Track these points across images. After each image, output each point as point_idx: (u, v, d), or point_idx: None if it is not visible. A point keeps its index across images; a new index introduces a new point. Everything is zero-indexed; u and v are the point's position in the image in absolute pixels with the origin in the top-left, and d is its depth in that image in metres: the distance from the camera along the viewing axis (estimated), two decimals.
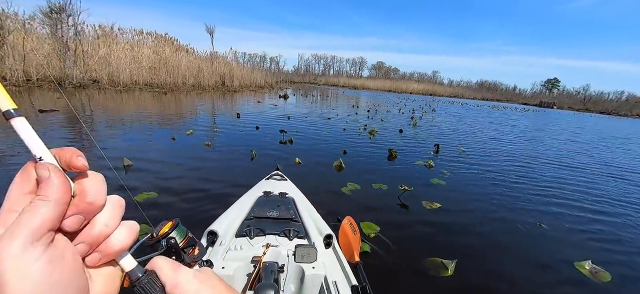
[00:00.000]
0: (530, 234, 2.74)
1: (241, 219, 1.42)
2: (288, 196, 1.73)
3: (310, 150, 5.09)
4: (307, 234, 1.35)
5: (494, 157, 5.92)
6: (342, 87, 56.24)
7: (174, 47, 20.60)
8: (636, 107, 64.66)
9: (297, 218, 1.46)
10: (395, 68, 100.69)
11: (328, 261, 1.21)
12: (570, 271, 2.23)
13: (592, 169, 5.68)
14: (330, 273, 1.13)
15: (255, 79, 25.18)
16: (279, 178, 2.13)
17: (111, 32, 18.19)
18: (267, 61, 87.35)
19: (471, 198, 3.50)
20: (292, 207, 1.57)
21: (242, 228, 1.33)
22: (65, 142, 4.31)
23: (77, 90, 12.63)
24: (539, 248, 2.53)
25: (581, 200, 3.75)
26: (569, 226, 2.97)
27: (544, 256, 2.38)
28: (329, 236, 1.37)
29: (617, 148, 9.07)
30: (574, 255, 2.42)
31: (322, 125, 7.94)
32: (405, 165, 4.66)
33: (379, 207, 3.00)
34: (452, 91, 72.89)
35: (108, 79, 15.10)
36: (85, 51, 15.01)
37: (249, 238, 1.26)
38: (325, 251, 1.29)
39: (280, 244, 1.23)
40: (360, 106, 16.02)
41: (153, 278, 0.28)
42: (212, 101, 12.47)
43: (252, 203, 1.60)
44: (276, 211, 1.49)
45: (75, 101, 8.56)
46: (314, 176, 3.78)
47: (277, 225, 1.37)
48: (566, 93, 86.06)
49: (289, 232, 1.30)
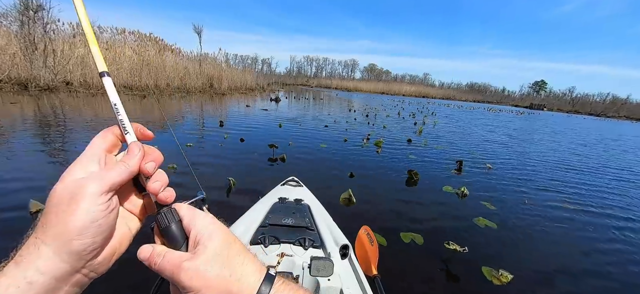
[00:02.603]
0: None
1: (256, 226, 1.37)
2: (303, 203, 1.66)
3: (307, 172, 3.99)
4: (323, 244, 1.27)
5: (531, 172, 4.95)
6: (334, 89, 55.40)
7: (158, 46, 19.19)
8: (622, 109, 66.20)
9: (313, 227, 1.40)
10: (387, 70, 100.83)
11: (344, 273, 1.14)
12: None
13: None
14: (347, 286, 1.06)
15: (246, 81, 23.95)
16: (295, 184, 2.06)
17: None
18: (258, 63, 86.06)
19: (548, 251, 2.48)
20: (308, 214, 1.50)
21: (257, 236, 1.29)
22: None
23: (44, 93, 11.26)
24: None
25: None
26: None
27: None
28: (345, 247, 1.27)
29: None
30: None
31: (319, 135, 6.85)
32: (431, 193, 3.62)
33: (417, 281, 1.94)
34: (444, 93, 73.15)
35: (81, 81, 13.72)
36: (55, 50, 13.63)
37: (264, 246, 1.22)
38: (341, 262, 1.20)
39: (295, 254, 1.18)
40: (356, 109, 14.99)
41: (174, 211, 0.35)
42: (195, 105, 11.21)
43: (267, 210, 1.53)
44: (291, 218, 1.43)
45: (32, 106, 7.19)
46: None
47: (292, 233, 1.31)
48: (553, 95, 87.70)
49: (304, 241, 1.25)
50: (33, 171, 3.16)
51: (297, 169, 3.99)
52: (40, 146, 4.05)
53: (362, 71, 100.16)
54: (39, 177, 2.99)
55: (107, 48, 15.40)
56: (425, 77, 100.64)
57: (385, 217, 2.81)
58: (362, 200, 3.12)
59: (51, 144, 4.23)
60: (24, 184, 2.81)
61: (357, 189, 3.29)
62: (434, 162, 5.20)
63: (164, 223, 0.34)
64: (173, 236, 0.34)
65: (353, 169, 4.19)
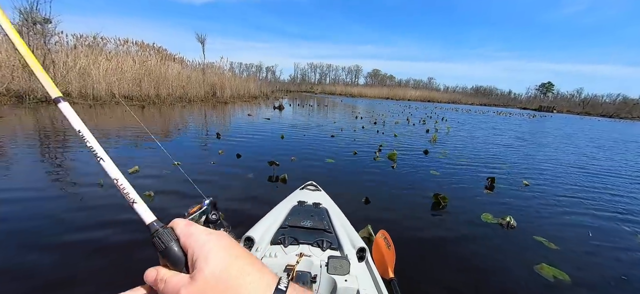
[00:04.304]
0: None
1: (276, 226, 1.40)
2: (322, 206, 1.67)
3: None
4: (340, 246, 1.27)
5: (577, 189, 4.21)
6: (339, 95, 54.90)
7: (161, 56, 18.95)
8: (635, 109, 64.07)
9: (330, 229, 1.40)
10: (391, 75, 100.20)
11: (361, 275, 1.12)
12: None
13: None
14: (363, 288, 1.03)
15: (250, 89, 23.58)
16: (313, 189, 2.08)
17: (94, 42, 16.69)
18: (263, 71, 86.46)
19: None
20: (326, 217, 1.52)
21: (277, 236, 1.31)
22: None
23: (41, 105, 10.93)
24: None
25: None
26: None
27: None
28: (362, 249, 1.27)
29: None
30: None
31: (325, 147, 6.21)
32: (467, 225, 2.91)
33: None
34: (449, 97, 72.02)
35: (79, 92, 13.44)
36: (55, 62, 13.44)
37: (283, 246, 1.23)
38: (358, 265, 1.20)
39: (313, 255, 1.18)
40: (363, 116, 14.33)
41: (169, 231, 0.33)
42: (196, 115, 10.70)
43: (286, 212, 1.56)
44: (310, 220, 1.44)
45: (29, 118, 6.72)
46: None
47: (310, 235, 1.32)
48: (561, 97, 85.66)
49: (322, 243, 1.25)
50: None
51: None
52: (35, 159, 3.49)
53: (366, 77, 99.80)
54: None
55: (108, 59, 15.15)
56: (430, 81, 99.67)
57: (420, 270, 2.13)
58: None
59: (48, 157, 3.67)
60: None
61: (374, 220, 2.63)
62: (459, 179, 4.50)
63: (160, 246, 0.33)
64: (172, 258, 0.33)
65: (367, 191, 3.52)
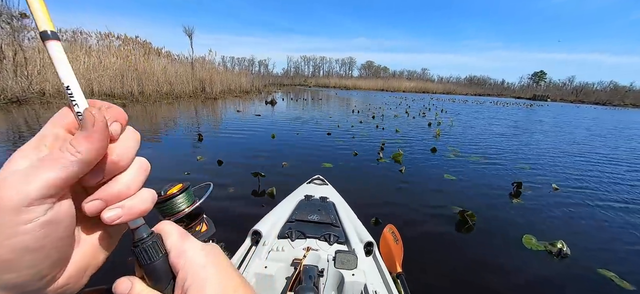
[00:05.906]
0: None
1: (283, 221, 1.38)
2: (328, 201, 1.65)
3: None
4: (348, 240, 1.27)
5: (614, 193, 3.64)
6: (333, 88, 53.97)
7: (145, 50, 17.85)
8: (626, 96, 64.67)
9: (338, 223, 1.38)
10: (384, 67, 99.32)
11: (368, 269, 1.12)
12: None
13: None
14: (371, 282, 1.03)
15: (241, 83, 22.61)
16: (320, 183, 2.07)
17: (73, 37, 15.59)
18: (255, 64, 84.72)
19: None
20: (333, 211, 1.49)
21: (284, 230, 1.29)
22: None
23: (12, 105, 10.00)
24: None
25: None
26: None
27: None
28: (369, 244, 1.26)
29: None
30: None
31: (322, 147, 5.52)
32: (507, 256, 2.27)
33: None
34: (444, 88, 71.66)
35: (56, 90, 12.43)
36: (28, 59, 12.36)
37: (290, 240, 1.21)
38: (365, 259, 1.19)
39: (321, 248, 1.17)
40: (360, 110, 13.62)
41: (158, 242, 0.26)
42: (181, 113, 9.85)
43: (293, 206, 1.55)
44: (317, 214, 1.42)
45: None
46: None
47: (317, 229, 1.30)
48: (553, 85, 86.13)
49: (329, 237, 1.23)
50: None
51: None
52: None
53: (359, 69, 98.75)
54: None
55: (88, 54, 14.10)
56: (424, 72, 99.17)
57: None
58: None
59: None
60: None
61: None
62: (480, 184, 3.87)
63: (144, 261, 0.25)
64: (156, 276, 0.26)
65: (374, 208, 2.86)
